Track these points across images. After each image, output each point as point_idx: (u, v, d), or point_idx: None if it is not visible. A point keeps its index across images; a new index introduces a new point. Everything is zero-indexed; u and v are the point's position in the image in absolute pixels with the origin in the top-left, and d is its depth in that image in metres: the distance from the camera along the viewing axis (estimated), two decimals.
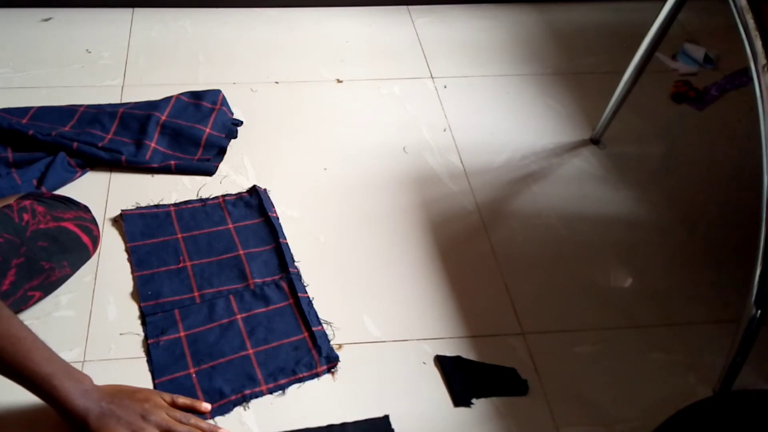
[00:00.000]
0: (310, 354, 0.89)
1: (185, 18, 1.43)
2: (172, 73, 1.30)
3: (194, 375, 0.86)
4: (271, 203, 1.08)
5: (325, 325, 0.93)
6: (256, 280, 0.96)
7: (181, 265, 0.98)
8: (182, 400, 0.82)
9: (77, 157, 1.10)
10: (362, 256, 1.04)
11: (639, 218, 1.13)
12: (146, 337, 0.90)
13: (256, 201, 1.07)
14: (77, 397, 0.75)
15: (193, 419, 0.81)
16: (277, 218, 1.06)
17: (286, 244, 1.02)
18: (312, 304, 0.95)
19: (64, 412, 0.75)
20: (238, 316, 0.93)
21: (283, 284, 0.96)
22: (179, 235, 1.02)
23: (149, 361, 0.88)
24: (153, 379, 0.86)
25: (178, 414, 0.80)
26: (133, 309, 0.93)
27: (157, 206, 1.05)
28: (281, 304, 0.94)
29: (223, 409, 0.84)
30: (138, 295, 0.94)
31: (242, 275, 0.97)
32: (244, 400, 0.85)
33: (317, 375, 0.88)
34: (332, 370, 0.89)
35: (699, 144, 1.27)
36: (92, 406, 0.76)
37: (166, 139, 1.15)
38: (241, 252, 1.00)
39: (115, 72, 1.29)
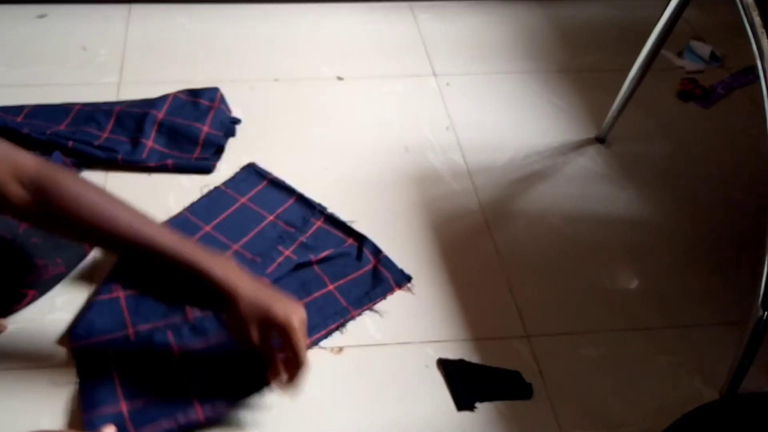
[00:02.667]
0: None
1: (183, 14, 1.42)
2: (169, 70, 1.29)
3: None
4: (265, 170, 1.11)
5: None
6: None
7: (232, 250, 0.99)
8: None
9: (73, 156, 1.09)
10: None
11: (645, 218, 1.12)
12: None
13: (252, 171, 1.10)
14: (226, 272, 0.77)
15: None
16: (278, 178, 1.10)
17: (302, 194, 1.07)
18: None
19: (213, 284, 0.77)
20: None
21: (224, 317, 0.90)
22: (207, 229, 1.01)
23: None
24: None
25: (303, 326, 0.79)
26: None
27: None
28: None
29: None
30: None
31: (288, 236, 1.00)
32: None
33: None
34: None
35: (706, 142, 1.26)
36: (240, 281, 0.77)
37: (163, 138, 1.14)
38: (270, 217, 1.02)
39: (111, 69, 1.28)
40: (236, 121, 1.20)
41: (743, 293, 0.93)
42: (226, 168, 1.12)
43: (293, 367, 0.79)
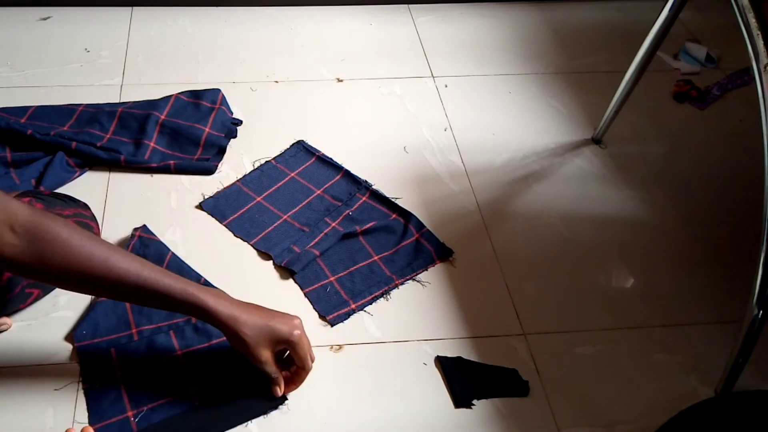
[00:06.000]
0: None
1: (184, 17, 1.43)
2: (171, 72, 1.30)
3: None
4: (314, 147, 1.16)
5: None
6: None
7: (282, 219, 1.05)
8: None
9: (76, 156, 1.10)
10: None
11: (641, 218, 1.13)
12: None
13: (301, 147, 1.16)
14: (220, 305, 0.78)
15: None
16: (326, 155, 1.15)
17: (348, 170, 1.12)
18: None
19: (214, 318, 0.78)
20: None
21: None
22: (258, 199, 1.07)
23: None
24: None
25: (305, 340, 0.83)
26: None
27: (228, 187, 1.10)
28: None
29: None
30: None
31: (334, 209, 1.06)
32: None
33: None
34: None
35: (701, 143, 1.27)
36: (244, 317, 0.79)
37: (165, 139, 1.15)
38: (318, 191, 1.08)
39: (113, 71, 1.29)
40: (237, 122, 1.21)
41: (738, 292, 0.94)
42: (228, 168, 1.13)
43: (298, 374, 0.84)
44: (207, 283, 0.95)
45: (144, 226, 1.02)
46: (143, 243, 0.99)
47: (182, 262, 0.97)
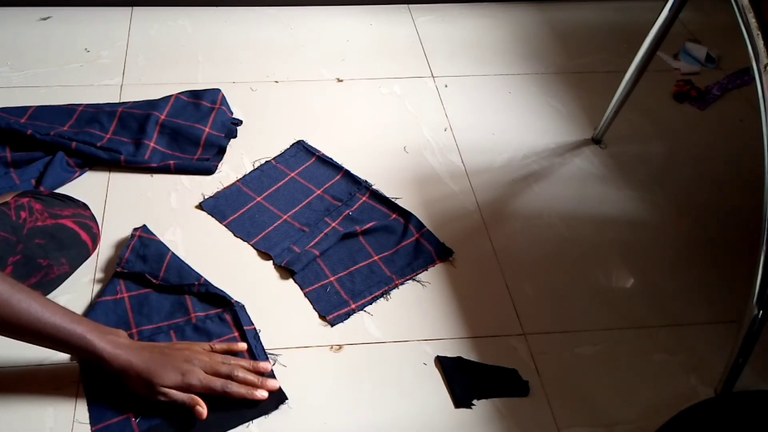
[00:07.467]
0: None
1: (184, 17, 1.43)
2: (171, 72, 1.30)
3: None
4: (313, 147, 1.16)
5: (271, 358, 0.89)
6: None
7: (282, 219, 1.05)
8: (218, 345, 0.86)
9: (76, 156, 1.10)
10: None
11: (641, 218, 1.13)
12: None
13: (301, 147, 1.16)
14: (118, 350, 0.78)
15: (233, 359, 0.84)
16: (326, 155, 1.15)
17: (348, 170, 1.12)
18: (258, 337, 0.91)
19: (107, 366, 0.78)
20: None
21: (227, 316, 0.92)
22: (258, 199, 1.07)
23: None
24: None
25: (219, 357, 0.84)
26: None
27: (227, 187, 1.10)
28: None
29: None
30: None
31: (334, 209, 1.06)
32: None
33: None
34: None
35: (701, 143, 1.27)
36: (134, 357, 0.79)
37: (165, 139, 1.15)
38: (318, 191, 1.08)
39: (113, 71, 1.29)
40: (237, 122, 1.21)
41: (738, 292, 0.94)
42: (228, 169, 1.13)
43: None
44: (207, 284, 0.95)
45: (144, 226, 1.01)
46: (143, 243, 0.99)
47: (182, 262, 0.97)
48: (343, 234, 1.02)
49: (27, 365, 0.86)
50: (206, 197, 1.08)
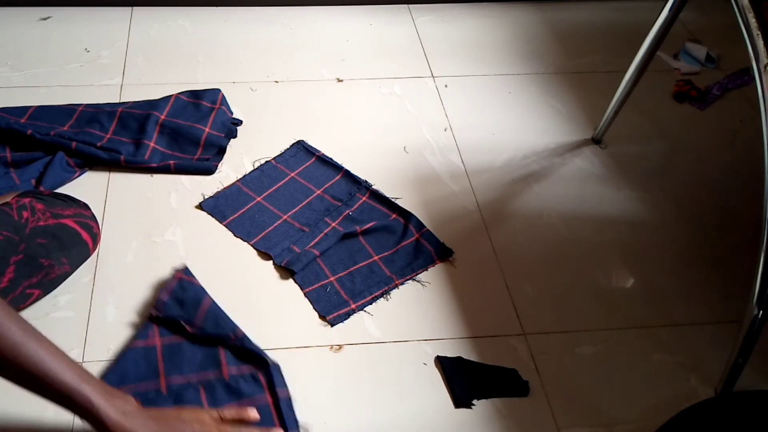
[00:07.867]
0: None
1: (184, 17, 1.43)
2: (171, 72, 1.30)
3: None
4: (314, 147, 1.16)
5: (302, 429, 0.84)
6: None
7: (282, 219, 1.05)
8: (228, 412, 0.80)
9: (76, 156, 1.10)
10: None
11: (640, 218, 1.13)
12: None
13: (301, 147, 1.16)
14: (122, 418, 0.71)
15: (244, 429, 0.79)
16: (326, 155, 1.15)
17: (348, 170, 1.12)
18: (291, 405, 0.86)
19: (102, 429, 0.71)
20: None
21: (260, 376, 0.87)
22: (258, 199, 1.07)
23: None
24: None
25: (228, 428, 0.77)
26: (132, 310, 0.93)
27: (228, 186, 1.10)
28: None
29: None
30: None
31: (334, 209, 1.06)
32: None
33: None
34: None
35: (701, 143, 1.27)
36: (139, 428, 0.72)
37: (165, 139, 1.15)
38: (318, 191, 1.08)
39: (113, 71, 1.29)
40: (237, 122, 1.21)
41: (738, 292, 0.94)
42: (228, 169, 1.13)
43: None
44: (243, 337, 0.88)
45: (185, 268, 0.96)
46: (182, 286, 0.93)
47: (220, 310, 0.91)
48: (343, 234, 1.02)
49: None
50: (206, 197, 1.08)
